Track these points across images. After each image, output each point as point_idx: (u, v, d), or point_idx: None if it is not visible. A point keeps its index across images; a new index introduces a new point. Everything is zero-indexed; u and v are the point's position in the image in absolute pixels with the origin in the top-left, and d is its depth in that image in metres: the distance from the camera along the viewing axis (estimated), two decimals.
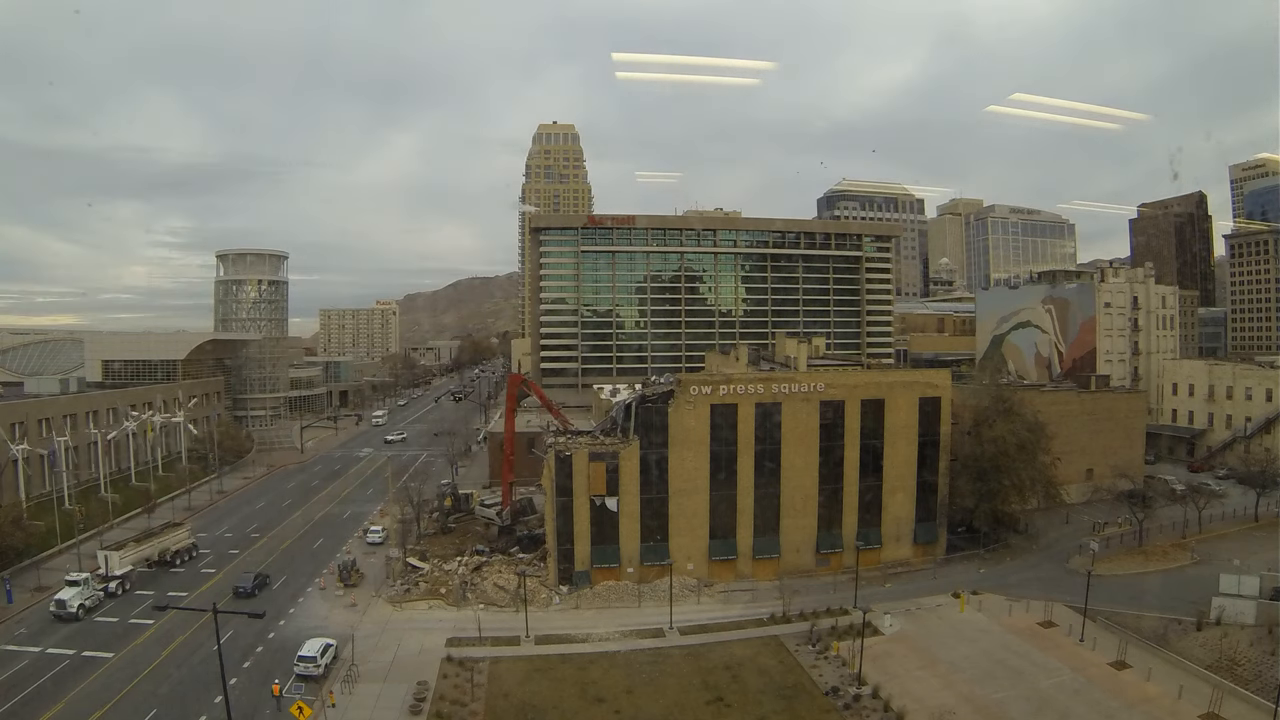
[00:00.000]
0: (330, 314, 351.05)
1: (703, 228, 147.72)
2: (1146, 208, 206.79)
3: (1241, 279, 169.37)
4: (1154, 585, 55.00)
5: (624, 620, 52.08)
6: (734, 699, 40.96)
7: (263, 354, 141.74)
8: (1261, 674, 41.18)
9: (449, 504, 75.00)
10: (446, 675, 43.13)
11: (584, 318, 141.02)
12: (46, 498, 73.13)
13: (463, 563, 61.15)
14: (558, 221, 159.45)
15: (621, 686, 42.47)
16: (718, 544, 59.28)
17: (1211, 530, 66.88)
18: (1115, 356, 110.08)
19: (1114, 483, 69.70)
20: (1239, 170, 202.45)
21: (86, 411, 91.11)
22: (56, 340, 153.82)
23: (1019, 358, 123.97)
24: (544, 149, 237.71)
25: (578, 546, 57.48)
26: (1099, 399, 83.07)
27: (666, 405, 58.50)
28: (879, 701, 39.83)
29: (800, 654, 46.19)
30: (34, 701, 40.17)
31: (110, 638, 48.43)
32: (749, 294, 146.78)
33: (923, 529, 62.92)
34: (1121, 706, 39.18)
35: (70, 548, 63.60)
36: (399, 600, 55.39)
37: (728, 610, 53.80)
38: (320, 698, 40.08)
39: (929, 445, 62.47)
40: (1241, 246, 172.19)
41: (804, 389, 60.52)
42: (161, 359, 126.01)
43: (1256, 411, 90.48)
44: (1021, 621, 49.94)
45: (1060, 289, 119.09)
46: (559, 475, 57.01)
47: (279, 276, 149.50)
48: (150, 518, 77.32)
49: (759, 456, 59.57)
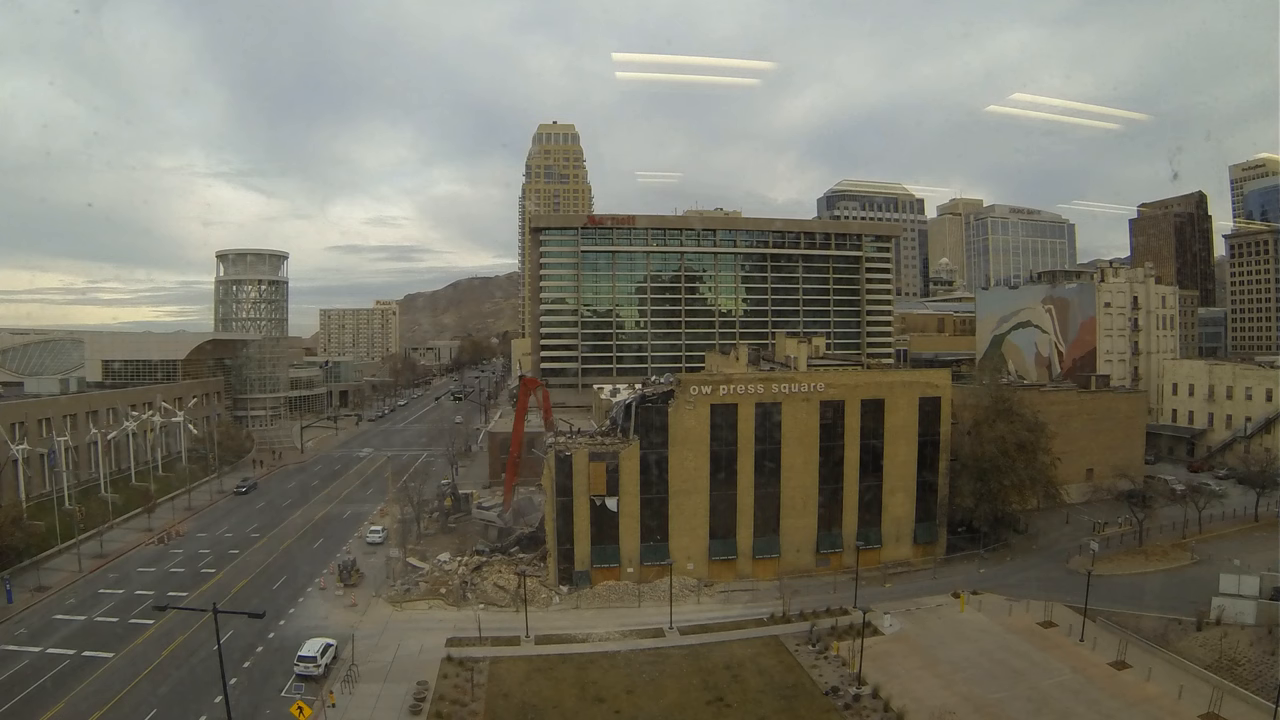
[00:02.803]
0: (330, 314, 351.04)
1: (703, 228, 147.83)
2: (1146, 208, 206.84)
3: (1241, 279, 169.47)
4: (1154, 585, 54.94)
5: (624, 620, 52.07)
6: (734, 699, 40.95)
7: (263, 354, 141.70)
8: (1261, 674, 41.14)
9: (449, 504, 75.03)
10: (446, 675, 43.13)
11: (584, 318, 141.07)
12: (46, 498, 73.10)
13: (463, 563, 61.16)
14: (558, 221, 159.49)
15: (621, 686, 42.46)
16: (718, 544, 59.28)
17: (1211, 530, 66.85)
18: (1115, 356, 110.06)
19: (1114, 483, 69.74)
20: (1239, 170, 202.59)
21: (86, 411, 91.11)
22: (56, 340, 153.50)
23: (1019, 358, 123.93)
24: (544, 149, 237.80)
25: (578, 546, 57.49)
26: (1099, 399, 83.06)
27: (666, 405, 58.51)
28: (879, 701, 39.82)
29: (800, 654, 46.19)
30: (34, 701, 40.17)
31: (110, 638, 48.41)
32: (749, 294, 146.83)
33: (923, 529, 62.93)
34: (1121, 706, 39.17)
35: (70, 547, 63.71)
36: (399, 600, 55.40)
37: (728, 610, 53.79)
38: (320, 698, 40.07)
39: (929, 445, 62.47)
40: (1241, 246, 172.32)
41: (804, 389, 60.52)
42: (161, 359, 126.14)
43: (1256, 411, 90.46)
44: (1021, 621, 49.93)
45: (1060, 289, 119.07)
46: (559, 475, 57.02)
47: (279, 276, 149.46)
48: (150, 517, 77.40)
49: (759, 456, 59.56)
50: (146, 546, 69.17)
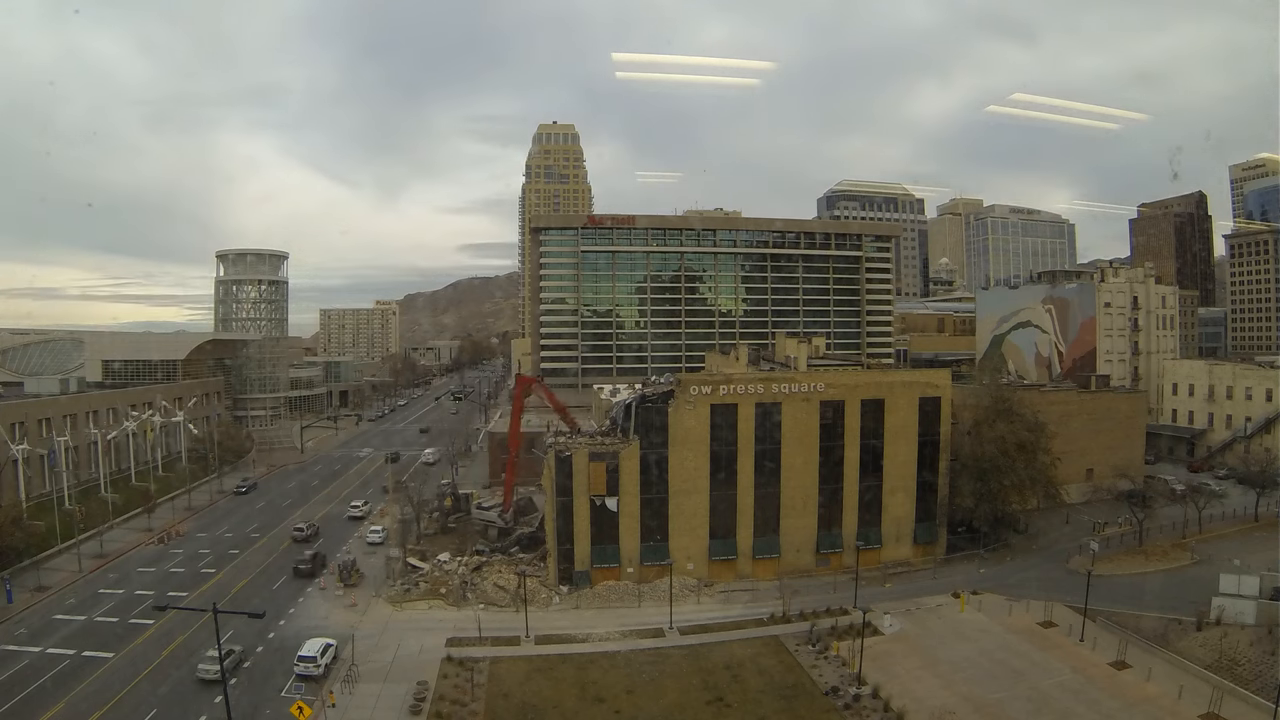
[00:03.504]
0: (330, 314, 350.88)
1: (703, 228, 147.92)
2: (1146, 208, 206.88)
3: (1241, 279, 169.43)
4: (1154, 585, 54.88)
5: (624, 620, 52.07)
6: (734, 699, 40.94)
7: (263, 354, 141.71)
8: (1261, 674, 41.11)
9: (449, 504, 75.02)
10: (446, 675, 43.12)
11: (584, 318, 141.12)
12: (46, 498, 73.03)
13: (463, 563, 61.15)
14: (558, 221, 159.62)
15: (621, 686, 42.46)
16: (718, 544, 59.27)
17: (1211, 530, 66.80)
18: (1115, 356, 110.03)
19: (1114, 483, 69.69)
20: (1239, 170, 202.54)
21: (86, 411, 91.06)
22: (56, 340, 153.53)
23: (1019, 358, 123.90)
24: (544, 149, 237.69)
25: (578, 546, 57.49)
26: (1099, 399, 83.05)
27: (666, 405, 58.50)
28: (879, 701, 39.81)
29: (800, 654, 46.17)
30: (34, 701, 40.14)
31: (110, 638, 48.37)
32: (749, 294, 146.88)
33: (923, 529, 62.92)
34: (1121, 706, 39.17)
35: (70, 547, 63.70)
36: (399, 600, 55.40)
37: (728, 610, 53.78)
38: (320, 698, 40.05)
39: (929, 445, 62.45)
40: (1241, 246, 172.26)
41: (804, 389, 60.52)
42: (161, 359, 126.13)
43: (1256, 411, 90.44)
44: (1021, 621, 49.92)
45: (1060, 289, 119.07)
46: (559, 475, 57.02)
47: (279, 276, 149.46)
48: (150, 517, 77.40)
49: (759, 456, 59.55)
50: (146, 546, 69.16)
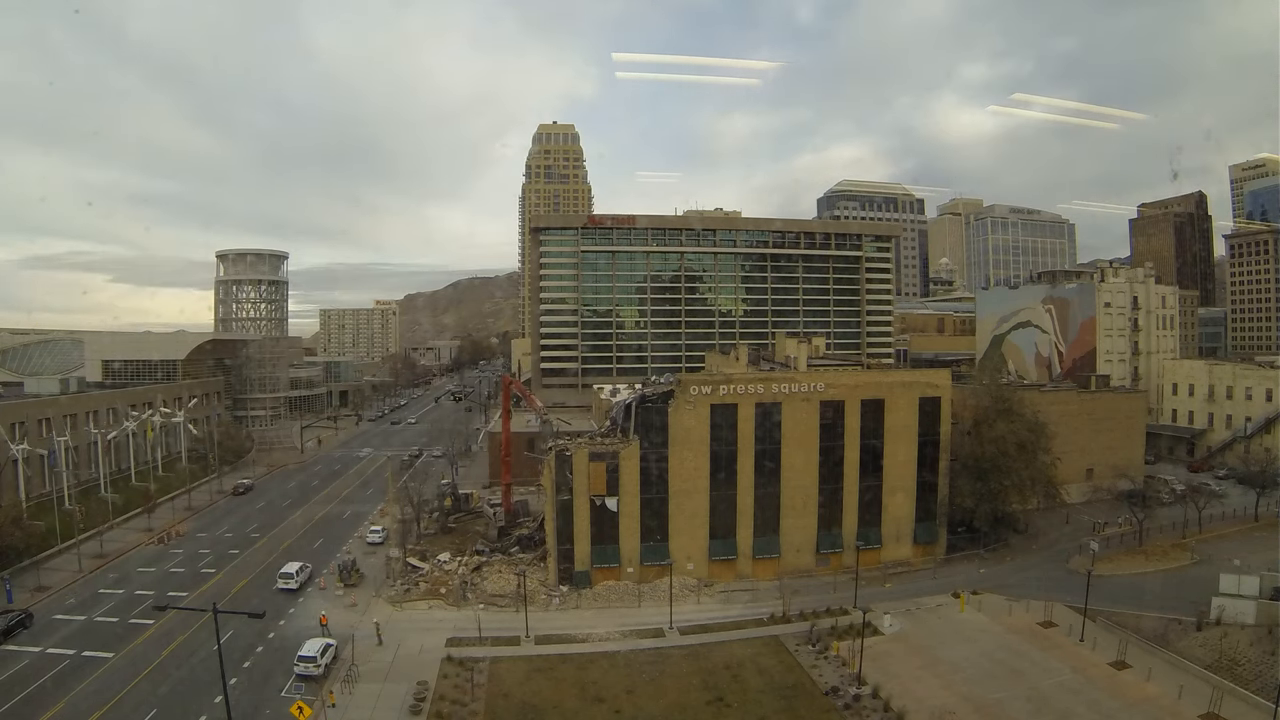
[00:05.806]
0: (330, 314, 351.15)
1: (703, 228, 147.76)
2: (1146, 208, 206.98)
3: (1241, 279, 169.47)
4: (1154, 585, 54.90)
5: (624, 620, 52.07)
6: (734, 699, 40.95)
7: (263, 354, 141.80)
8: (1261, 674, 41.15)
9: (449, 504, 75.06)
10: (446, 675, 43.14)
11: (584, 318, 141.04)
12: (46, 498, 73.07)
13: (463, 563, 61.18)
14: (558, 221, 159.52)
15: (621, 686, 42.47)
16: (718, 544, 59.28)
17: (1211, 530, 66.82)
18: (1115, 356, 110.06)
19: (1114, 483, 69.78)
20: (1239, 170, 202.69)
21: (86, 411, 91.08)
22: (56, 340, 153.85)
23: (1019, 358, 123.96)
24: (544, 149, 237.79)
25: (578, 546, 57.49)
26: (1099, 399, 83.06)
27: (666, 405, 58.50)
28: (879, 701, 39.83)
29: (800, 654, 46.19)
30: (34, 701, 40.18)
31: (110, 638, 48.41)
32: (749, 294, 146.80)
33: (923, 529, 62.92)
34: (1121, 706, 39.18)
35: (70, 547, 63.71)
36: (399, 600, 55.42)
37: (728, 610, 53.78)
38: (320, 698, 40.07)
39: (929, 445, 62.46)
40: (1241, 246, 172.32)
41: (804, 389, 60.51)
42: (161, 359, 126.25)
43: (1256, 411, 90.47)
44: (1021, 621, 49.93)
45: (1060, 289, 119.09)
46: (559, 475, 57.04)
47: (279, 276, 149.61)
48: (150, 517, 77.40)
49: (759, 456, 59.56)
50: (146, 546, 69.16)
